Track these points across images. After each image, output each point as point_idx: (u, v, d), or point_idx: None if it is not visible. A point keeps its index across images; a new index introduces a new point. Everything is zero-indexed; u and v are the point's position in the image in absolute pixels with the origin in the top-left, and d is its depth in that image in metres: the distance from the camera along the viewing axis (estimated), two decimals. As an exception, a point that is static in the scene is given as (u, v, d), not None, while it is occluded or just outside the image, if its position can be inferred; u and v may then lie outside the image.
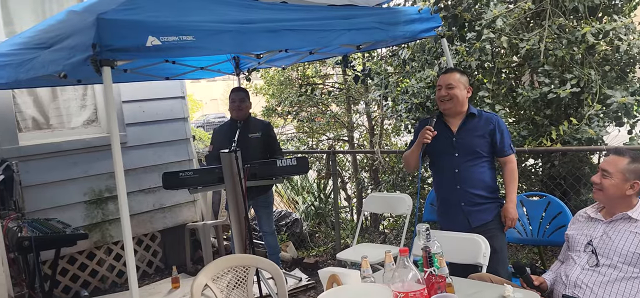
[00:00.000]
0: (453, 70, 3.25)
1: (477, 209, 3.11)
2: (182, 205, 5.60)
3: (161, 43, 2.49)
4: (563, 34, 3.87)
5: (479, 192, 3.11)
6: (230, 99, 4.50)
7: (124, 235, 2.49)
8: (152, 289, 5.01)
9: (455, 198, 3.15)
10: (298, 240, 5.91)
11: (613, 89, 3.75)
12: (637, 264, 2.26)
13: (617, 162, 2.40)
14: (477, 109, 3.25)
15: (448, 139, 3.17)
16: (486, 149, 3.12)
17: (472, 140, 3.12)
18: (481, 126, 3.13)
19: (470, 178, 3.11)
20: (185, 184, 3.98)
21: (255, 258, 2.76)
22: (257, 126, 4.53)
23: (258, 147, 4.38)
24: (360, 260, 2.21)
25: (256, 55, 3.60)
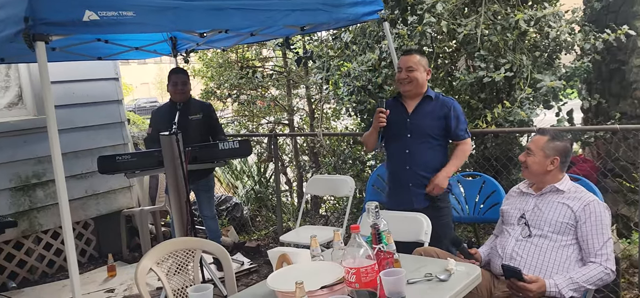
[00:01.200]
0: (413, 52, 3.24)
1: (423, 192, 3.15)
2: (117, 191, 5.38)
3: (99, 18, 2.37)
4: (497, 21, 4.04)
5: (428, 174, 3.14)
6: (171, 81, 4.32)
7: (63, 222, 2.36)
8: (87, 278, 4.80)
9: (404, 178, 3.19)
10: (239, 224, 5.86)
11: (542, 73, 3.97)
12: (565, 232, 2.43)
13: (538, 140, 2.58)
14: (435, 92, 3.27)
15: (402, 120, 3.19)
16: (439, 132, 3.15)
17: (425, 122, 3.14)
18: (436, 109, 3.15)
19: (421, 160, 3.14)
20: (122, 168, 3.82)
21: (200, 241, 2.70)
22: (198, 108, 4.40)
23: (199, 129, 4.27)
24: (308, 241, 2.22)
25: (200, 34, 3.50)
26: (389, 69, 4.47)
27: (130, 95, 27.72)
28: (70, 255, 2.31)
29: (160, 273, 2.44)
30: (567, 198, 2.48)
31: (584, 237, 2.38)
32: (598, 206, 2.41)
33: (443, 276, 2.18)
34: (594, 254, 2.35)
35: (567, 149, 2.55)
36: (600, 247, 2.34)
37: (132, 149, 5.59)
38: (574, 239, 2.42)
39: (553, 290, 2.27)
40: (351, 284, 1.89)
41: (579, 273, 2.33)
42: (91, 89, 5.21)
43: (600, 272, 2.32)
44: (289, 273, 2.07)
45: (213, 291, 1.94)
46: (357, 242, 1.91)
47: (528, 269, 2.43)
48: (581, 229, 2.39)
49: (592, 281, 2.31)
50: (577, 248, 2.42)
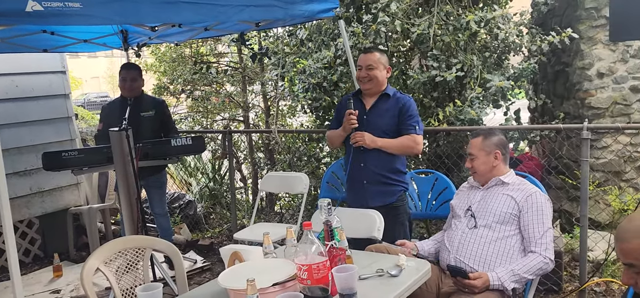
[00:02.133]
0: (373, 50, 3.22)
1: (379, 190, 3.15)
2: (63, 188, 5.18)
3: (43, 8, 2.27)
4: (449, 21, 4.13)
5: (383, 172, 3.14)
6: (121, 77, 4.15)
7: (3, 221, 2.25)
8: (31, 279, 4.61)
9: (360, 176, 3.20)
10: (192, 222, 5.76)
11: (492, 74, 4.09)
12: (509, 222, 2.53)
13: (475, 143, 2.69)
14: (394, 90, 3.26)
15: (360, 117, 3.18)
16: (394, 130, 3.14)
17: (381, 120, 3.14)
18: (391, 107, 3.15)
19: (376, 158, 3.13)
20: (69, 165, 3.68)
21: (150, 239, 2.64)
22: (150, 104, 4.28)
23: (151, 126, 4.15)
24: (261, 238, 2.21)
25: (151, 28, 3.42)
26: (344, 66, 4.50)
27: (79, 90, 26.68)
28: (11, 256, 2.21)
29: (108, 273, 2.37)
30: (512, 190, 2.58)
31: (525, 226, 2.48)
32: (540, 197, 2.52)
33: (394, 271, 2.22)
34: (535, 243, 2.45)
35: (502, 140, 2.69)
36: (541, 236, 2.44)
37: (80, 145, 5.39)
38: (517, 229, 2.52)
39: (496, 284, 2.35)
40: (303, 281, 1.89)
41: (520, 264, 2.42)
42: (36, 82, 4.99)
43: (539, 261, 2.42)
44: (240, 271, 2.05)
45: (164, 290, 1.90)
46: (309, 239, 1.91)
47: (472, 259, 2.50)
48: (523, 218, 2.49)
49: (532, 271, 2.41)
50: (520, 238, 2.52)
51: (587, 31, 4.39)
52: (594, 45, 4.40)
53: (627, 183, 4.45)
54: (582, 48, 4.44)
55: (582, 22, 4.42)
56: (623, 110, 4.43)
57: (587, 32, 4.39)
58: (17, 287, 2.20)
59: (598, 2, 4.38)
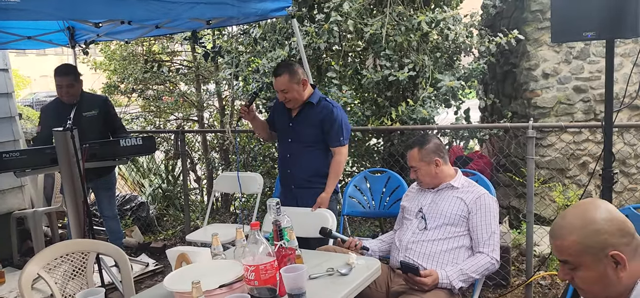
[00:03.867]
0: (281, 72, 3.15)
1: (306, 193, 3.21)
2: (6, 191, 4.95)
3: (-24, 1, 2.16)
4: (402, 21, 4.19)
5: (308, 177, 3.22)
6: (56, 83, 3.93)
7: None
8: (-30, 287, 4.39)
9: (287, 180, 3.29)
10: (144, 224, 5.62)
11: (443, 74, 4.17)
12: (458, 224, 2.58)
13: (413, 156, 2.71)
14: (320, 97, 3.27)
15: (286, 124, 3.28)
16: (317, 138, 3.18)
17: (304, 128, 3.21)
18: (314, 115, 3.18)
19: (301, 164, 3.22)
20: (10, 167, 3.50)
21: (94, 243, 2.56)
22: (93, 103, 4.07)
23: (96, 126, 3.98)
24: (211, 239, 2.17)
25: (95, 24, 3.30)
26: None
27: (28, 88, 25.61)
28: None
29: (48, 279, 2.28)
30: (461, 192, 2.63)
31: (474, 227, 2.54)
32: (488, 199, 2.57)
33: (344, 270, 2.22)
34: (482, 244, 2.50)
35: (438, 145, 2.72)
36: (488, 238, 2.50)
37: (24, 146, 5.16)
38: (466, 230, 2.57)
39: (445, 282, 2.40)
40: (250, 282, 1.87)
41: (468, 263, 2.47)
42: (-24, 80, 4.76)
43: (486, 262, 2.48)
44: (187, 273, 2.01)
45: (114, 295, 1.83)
46: (256, 239, 1.89)
47: (422, 260, 2.54)
48: (472, 220, 2.54)
49: (480, 271, 2.47)
50: (468, 238, 2.57)
51: (533, 33, 4.54)
52: (540, 46, 4.56)
53: (571, 180, 4.62)
54: (528, 49, 4.59)
55: (528, 24, 4.57)
56: (567, 109, 4.60)
57: (533, 34, 4.54)
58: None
59: (543, 5, 4.53)
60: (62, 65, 4.07)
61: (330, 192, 3.23)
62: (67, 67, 4.06)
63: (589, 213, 1.44)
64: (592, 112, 4.61)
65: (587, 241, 1.42)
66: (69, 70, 3.98)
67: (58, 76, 3.92)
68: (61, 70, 3.96)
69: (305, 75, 3.28)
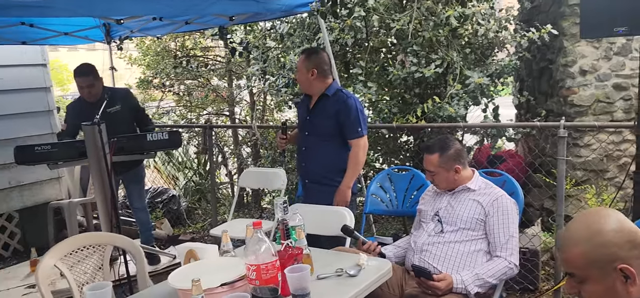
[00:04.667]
0: (302, 53, 3.23)
1: (319, 190, 3.15)
2: (44, 182, 5.14)
3: None
4: (430, 17, 4.08)
5: (322, 172, 3.16)
6: (78, 84, 4.01)
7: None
8: (8, 273, 4.57)
9: (303, 175, 3.27)
10: (175, 217, 5.73)
11: (472, 70, 4.04)
12: (475, 228, 2.49)
13: (432, 160, 2.59)
14: (337, 88, 3.21)
15: (304, 117, 3.27)
16: (332, 131, 3.11)
17: (319, 121, 3.16)
18: (329, 107, 3.13)
19: (316, 158, 3.18)
20: (42, 159, 3.64)
21: (110, 235, 2.61)
22: (116, 98, 4.09)
23: (121, 121, 4.01)
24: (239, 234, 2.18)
25: (116, 21, 3.36)
26: (325, 62, 4.44)
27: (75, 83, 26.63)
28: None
29: (63, 269, 2.34)
30: (478, 195, 2.53)
31: (491, 230, 2.44)
32: (506, 201, 2.47)
33: (353, 271, 2.18)
34: (500, 248, 2.41)
35: (458, 151, 2.60)
36: (506, 241, 2.40)
37: (62, 138, 5.35)
38: (483, 234, 2.48)
39: (460, 287, 2.32)
40: (252, 281, 1.85)
41: (484, 268, 2.38)
42: (16, 75, 4.93)
43: (504, 266, 2.38)
44: (192, 270, 2.01)
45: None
46: (259, 238, 1.87)
47: (437, 262, 2.47)
48: (489, 223, 2.45)
49: (497, 276, 2.37)
50: (485, 242, 2.48)
51: (570, 28, 4.33)
52: (577, 42, 4.35)
53: (609, 182, 4.40)
54: (565, 45, 4.39)
55: (565, 18, 4.37)
56: (606, 108, 4.38)
57: (570, 29, 4.34)
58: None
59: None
60: (81, 66, 4.09)
61: (349, 185, 3.13)
62: (86, 67, 4.07)
63: (596, 224, 1.34)
64: (633, 111, 4.37)
65: (594, 254, 1.33)
66: (89, 71, 4.00)
67: (78, 77, 3.98)
68: (80, 71, 4.00)
69: (323, 68, 3.18)
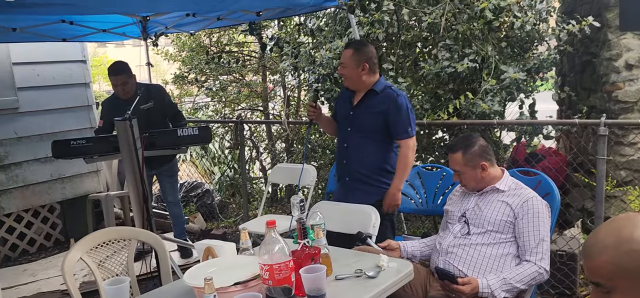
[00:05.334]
0: (349, 46, 3.10)
1: (359, 189, 3.05)
2: (83, 175, 5.31)
3: (25, -2, 2.28)
4: (464, 9, 3.95)
5: (364, 171, 3.05)
6: (111, 82, 4.10)
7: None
8: (49, 263, 4.76)
9: (342, 172, 3.16)
10: (208, 211, 5.80)
11: (509, 65, 3.88)
12: (504, 230, 2.38)
13: (456, 159, 2.49)
14: (385, 84, 3.10)
15: (346, 113, 3.14)
16: (378, 128, 3.01)
17: (365, 117, 3.04)
18: (377, 104, 3.02)
19: (357, 155, 3.06)
20: (77, 153, 3.73)
21: (134, 230, 2.64)
22: (149, 95, 4.18)
23: (153, 117, 4.08)
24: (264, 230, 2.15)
25: (142, 18, 3.41)
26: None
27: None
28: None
29: (89, 262, 2.38)
30: (507, 196, 2.42)
31: (520, 232, 2.33)
32: (537, 203, 2.35)
33: (372, 272, 2.12)
34: (530, 252, 2.29)
35: (483, 148, 2.49)
36: (536, 245, 2.29)
37: (100, 133, 5.50)
38: (512, 236, 2.37)
39: (485, 291, 2.22)
40: (265, 281, 1.83)
41: (512, 272, 2.27)
42: (57, 71, 5.11)
43: (533, 271, 2.26)
44: (207, 268, 2.01)
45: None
46: (273, 238, 1.85)
47: (462, 265, 2.38)
48: (518, 225, 2.34)
49: (526, 281, 2.26)
50: (515, 245, 2.37)
51: (615, 19, 4.09)
52: (623, 34, 4.11)
53: (658, 183, 4.15)
54: (610, 38, 4.15)
55: (610, 9, 4.13)
56: (654, 104, 4.13)
57: (615, 21, 4.10)
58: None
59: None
60: (115, 64, 4.16)
61: (399, 187, 3.03)
62: (120, 65, 4.14)
63: (625, 230, 1.23)
64: (684, 107, 4.11)
65: (622, 262, 1.22)
66: (122, 69, 4.07)
67: (112, 75, 4.07)
68: (114, 70, 4.08)
69: (373, 62, 3.06)
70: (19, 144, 4.85)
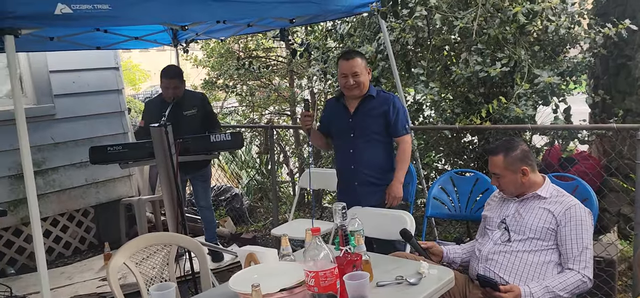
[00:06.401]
0: (354, 56, 3.20)
1: (369, 191, 3.18)
2: (116, 179, 5.42)
3: (72, 11, 2.34)
4: (496, 13, 3.92)
5: (372, 172, 3.20)
6: (163, 85, 4.22)
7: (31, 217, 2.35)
8: (84, 266, 4.86)
9: (351, 177, 3.25)
10: (237, 215, 5.86)
11: (542, 68, 3.84)
12: (546, 238, 2.36)
13: (496, 162, 2.49)
14: (377, 89, 3.29)
15: (345, 120, 3.25)
16: (380, 129, 3.19)
17: (367, 120, 3.18)
18: (376, 106, 3.19)
19: (365, 158, 3.19)
20: (114, 159, 3.82)
21: (173, 236, 2.70)
22: (192, 102, 4.32)
23: (194, 124, 4.20)
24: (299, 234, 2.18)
25: (182, 27, 3.47)
26: (385, 62, 4.39)
27: (148, 82, 27.85)
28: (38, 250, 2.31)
29: (132, 266, 2.44)
30: (549, 203, 2.40)
31: (563, 240, 2.31)
32: (580, 210, 2.32)
33: (413, 279, 2.13)
34: (573, 260, 2.27)
35: (525, 152, 2.48)
36: (579, 253, 2.26)
37: (132, 138, 5.61)
38: (554, 244, 2.35)
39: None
40: (311, 288, 1.85)
41: (555, 280, 2.25)
42: (92, 78, 5.23)
43: (577, 280, 2.24)
44: (252, 274, 2.04)
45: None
46: (317, 245, 1.87)
47: (503, 272, 2.36)
48: (561, 233, 2.32)
49: (569, 289, 2.23)
50: (557, 253, 2.34)
51: (651, 21, 4.03)
52: (660, 36, 4.04)
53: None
54: (646, 40, 4.09)
55: (646, 11, 4.07)
56: (691, 107, 4.04)
57: (651, 23, 4.03)
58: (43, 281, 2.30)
59: (665, -11, 4.01)
60: (169, 68, 4.33)
61: (402, 180, 3.21)
62: (174, 70, 4.31)
63: None
64: None
65: None
66: (176, 74, 4.24)
67: (165, 78, 4.21)
68: (167, 73, 4.23)
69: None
70: (56, 150, 4.97)
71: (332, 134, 3.42)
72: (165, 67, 4.33)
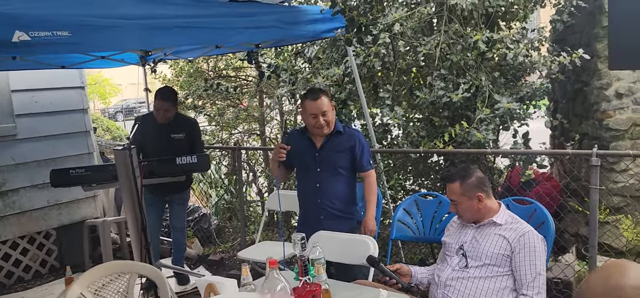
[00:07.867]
0: (320, 94, 3.16)
1: (334, 224, 3.18)
2: (80, 200, 5.31)
3: (30, 39, 2.32)
4: (458, 40, 4.03)
5: (339, 205, 3.22)
6: (156, 106, 4.17)
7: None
8: (45, 290, 4.74)
9: (316, 211, 3.24)
10: (205, 235, 5.81)
11: (502, 94, 3.95)
12: (501, 264, 2.42)
13: (453, 188, 2.57)
14: (343, 126, 3.32)
15: (311, 154, 3.25)
16: (346, 164, 3.22)
17: (333, 155, 3.20)
18: (343, 142, 3.22)
19: (330, 192, 3.21)
20: (76, 182, 3.74)
21: (132, 264, 2.67)
22: (182, 126, 4.28)
23: (181, 148, 4.15)
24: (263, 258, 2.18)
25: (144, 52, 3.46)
26: (352, 85, 4.45)
27: (118, 96, 27.44)
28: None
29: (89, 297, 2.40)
30: (504, 229, 2.47)
31: (517, 267, 2.38)
32: (533, 237, 2.40)
33: (372, 308, 2.16)
34: (526, 286, 2.34)
35: (480, 179, 2.56)
36: (533, 279, 2.33)
37: (97, 158, 5.52)
38: (509, 270, 2.42)
39: (482, 324, 2.26)
40: (267, 320, 1.86)
41: (509, 307, 2.31)
42: (55, 97, 5.13)
43: (530, 306, 2.31)
44: (210, 306, 2.03)
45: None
46: (274, 277, 1.88)
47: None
48: (515, 259, 2.39)
49: (522, 315, 2.30)
50: (512, 279, 2.41)
51: (605, 50, 4.20)
52: (613, 64, 4.21)
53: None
54: (600, 67, 4.26)
55: (599, 40, 4.24)
56: (644, 132, 4.22)
57: (605, 51, 4.20)
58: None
59: (618, 19, 4.18)
60: (165, 89, 4.28)
61: (374, 214, 3.25)
62: (169, 92, 4.25)
63: (612, 279, 1.27)
64: (674, 135, 4.19)
65: None
66: (169, 97, 4.19)
67: (159, 99, 4.15)
68: (162, 95, 4.17)
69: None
70: (17, 171, 4.86)
71: (296, 167, 3.40)
72: (160, 88, 4.31)
